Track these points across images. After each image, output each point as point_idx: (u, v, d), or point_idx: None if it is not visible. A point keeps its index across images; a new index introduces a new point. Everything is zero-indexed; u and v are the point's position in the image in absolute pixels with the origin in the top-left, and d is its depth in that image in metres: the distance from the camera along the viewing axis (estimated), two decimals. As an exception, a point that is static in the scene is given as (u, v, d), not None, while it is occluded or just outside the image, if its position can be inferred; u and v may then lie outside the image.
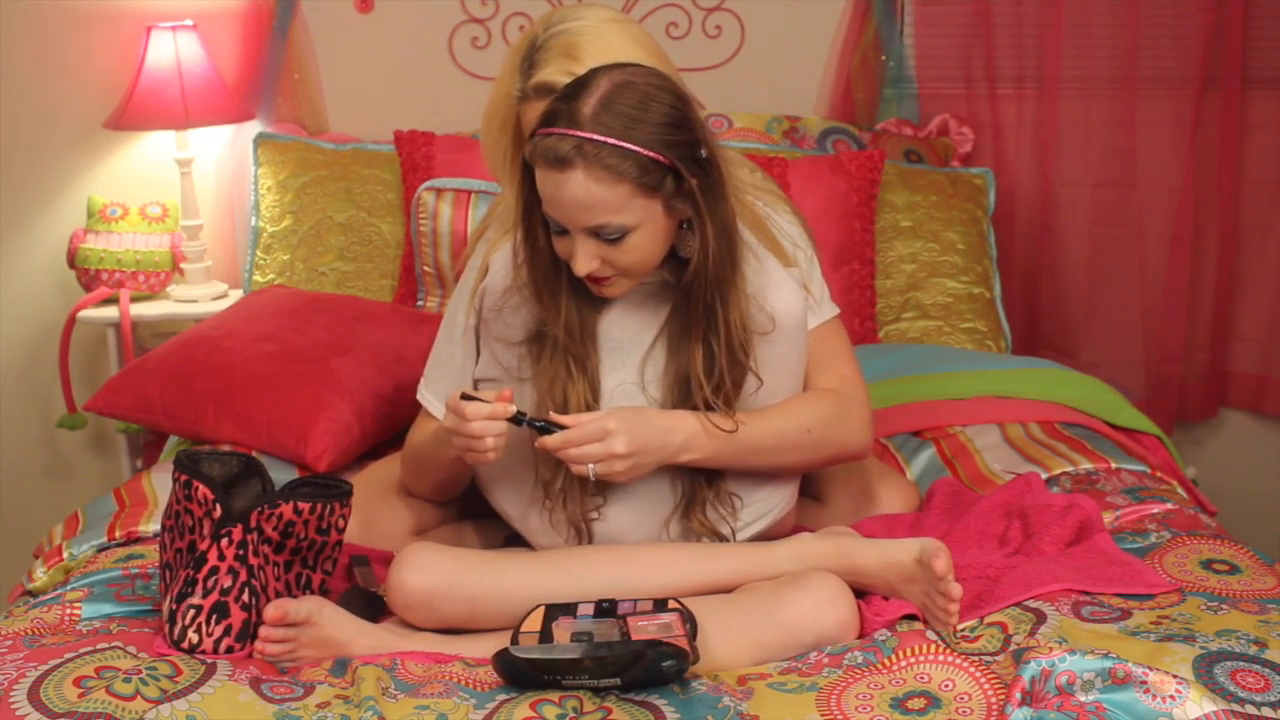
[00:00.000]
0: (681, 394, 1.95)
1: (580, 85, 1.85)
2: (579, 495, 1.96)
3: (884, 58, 3.33)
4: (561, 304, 1.93)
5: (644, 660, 1.68)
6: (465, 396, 1.90)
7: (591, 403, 1.95)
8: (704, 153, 1.85)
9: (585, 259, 1.86)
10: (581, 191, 1.81)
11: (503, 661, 1.72)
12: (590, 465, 1.89)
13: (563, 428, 1.89)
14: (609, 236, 1.84)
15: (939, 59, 3.36)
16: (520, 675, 1.71)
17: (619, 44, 2.05)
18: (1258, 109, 3.29)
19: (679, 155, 1.83)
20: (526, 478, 2.00)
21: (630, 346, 1.97)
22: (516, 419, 1.89)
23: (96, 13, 3.25)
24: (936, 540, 1.88)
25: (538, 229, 1.90)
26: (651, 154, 1.81)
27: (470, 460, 1.93)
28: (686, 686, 1.72)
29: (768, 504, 2.05)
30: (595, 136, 1.79)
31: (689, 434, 1.93)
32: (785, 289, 1.99)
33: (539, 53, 2.07)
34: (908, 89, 3.37)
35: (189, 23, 3.17)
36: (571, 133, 1.80)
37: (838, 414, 2.05)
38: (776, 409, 2.00)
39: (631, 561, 1.93)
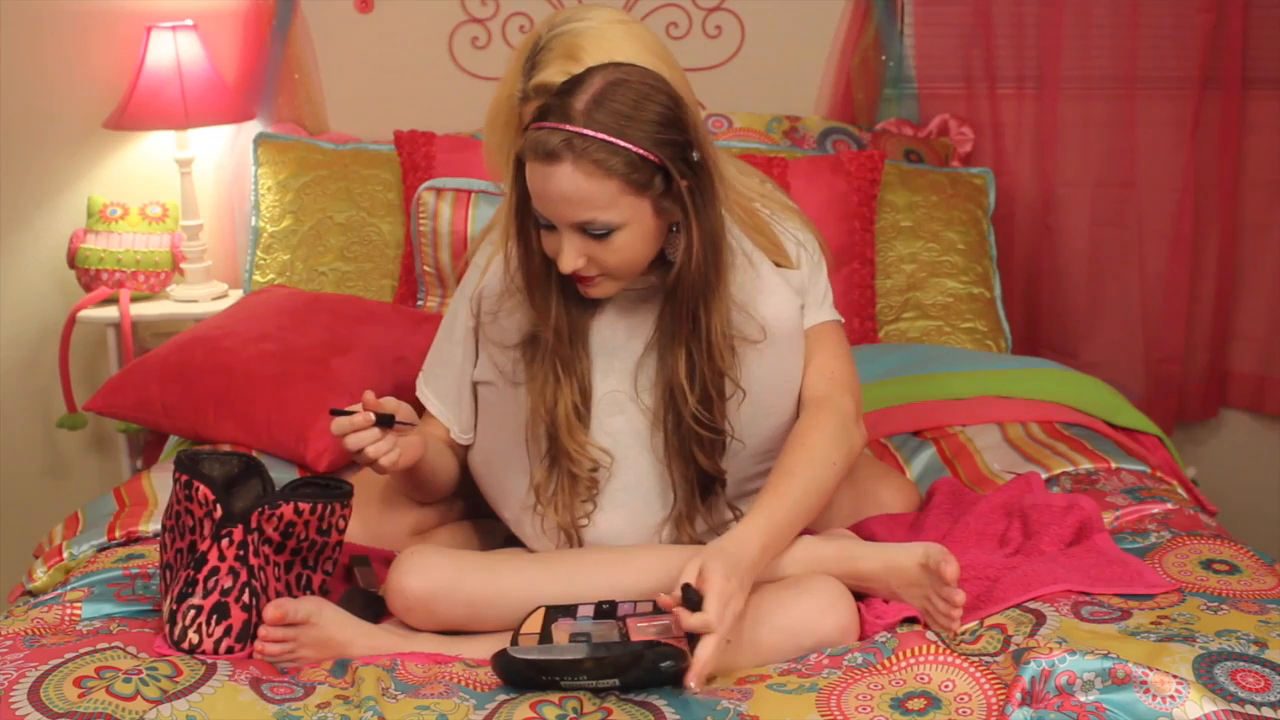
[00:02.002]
0: (671, 402, 1.93)
1: (575, 82, 1.84)
2: (569, 501, 1.95)
3: (884, 58, 3.33)
4: (552, 305, 1.92)
5: (643, 661, 1.68)
6: (335, 412, 1.88)
7: (581, 408, 1.93)
8: (696, 155, 1.84)
9: (571, 255, 1.84)
10: (569, 185, 1.80)
11: (502, 662, 1.72)
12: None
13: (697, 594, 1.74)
14: (595, 232, 1.83)
15: (939, 59, 3.35)
16: (519, 676, 1.71)
17: (622, 45, 2.03)
18: (1258, 109, 3.29)
19: (670, 155, 1.81)
20: (520, 483, 2.00)
21: (622, 352, 1.96)
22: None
23: (96, 13, 3.25)
24: (941, 546, 1.88)
25: (529, 227, 1.89)
26: (641, 151, 1.80)
27: (379, 470, 1.91)
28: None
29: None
30: (585, 131, 1.78)
31: (761, 542, 1.83)
32: (777, 295, 1.98)
33: (541, 53, 2.06)
34: (908, 89, 3.37)
35: (189, 23, 3.17)
36: (562, 126, 1.79)
37: (840, 428, 1.97)
38: (801, 457, 1.91)
39: (631, 563, 1.92)
